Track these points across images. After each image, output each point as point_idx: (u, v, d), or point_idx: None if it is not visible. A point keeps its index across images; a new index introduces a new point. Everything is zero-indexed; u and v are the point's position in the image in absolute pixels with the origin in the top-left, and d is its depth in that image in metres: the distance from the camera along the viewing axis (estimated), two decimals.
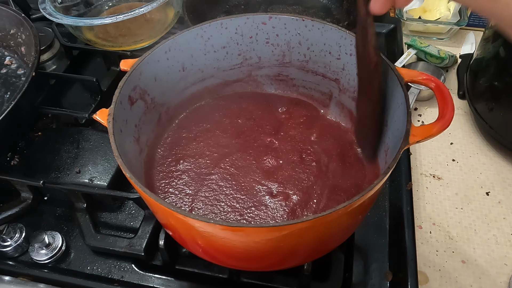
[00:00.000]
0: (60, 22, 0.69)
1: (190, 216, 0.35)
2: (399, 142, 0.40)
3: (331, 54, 0.53)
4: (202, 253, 0.45)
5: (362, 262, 0.52)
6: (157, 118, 0.54)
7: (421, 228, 0.58)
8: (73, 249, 0.55)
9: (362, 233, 0.55)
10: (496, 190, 0.61)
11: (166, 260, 0.53)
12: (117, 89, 0.45)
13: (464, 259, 0.55)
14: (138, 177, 0.40)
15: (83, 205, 0.57)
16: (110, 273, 0.53)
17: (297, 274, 0.50)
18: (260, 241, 0.38)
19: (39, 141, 0.65)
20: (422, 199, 0.61)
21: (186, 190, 0.51)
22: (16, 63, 0.73)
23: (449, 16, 0.81)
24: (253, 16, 0.54)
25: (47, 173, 0.59)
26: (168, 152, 0.55)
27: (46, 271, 0.54)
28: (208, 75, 0.58)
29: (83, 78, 0.74)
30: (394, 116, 0.45)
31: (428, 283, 0.53)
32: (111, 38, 0.75)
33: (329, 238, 0.43)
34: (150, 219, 0.55)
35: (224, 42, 0.55)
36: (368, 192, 0.36)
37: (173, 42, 0.51)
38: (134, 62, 0.48)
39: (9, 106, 0.56)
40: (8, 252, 0.54)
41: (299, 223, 0.34)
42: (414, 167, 0.64)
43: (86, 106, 0.68)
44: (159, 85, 0.52)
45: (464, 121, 0.71)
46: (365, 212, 0.48)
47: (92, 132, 0.64)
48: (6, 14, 0.70)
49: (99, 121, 0.44)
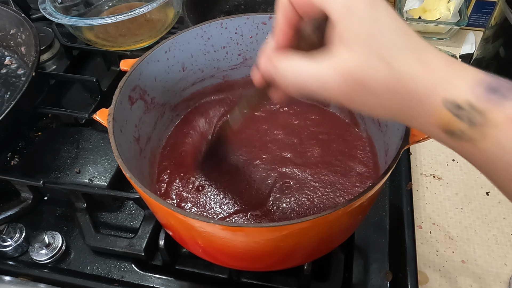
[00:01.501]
0: (60, 22, 0.69)
1: (190, 216, 0.35)
2: (399, 142, 0.40)
3: None
4: (202, 253, 0.45)
5: (362, 262, 0.52)
6: (157, 118, 0.54)
7: (421, 228, 0.58)
8: (73, 249, 0.55)
9: (362, 233, 0.55)
10: (496, 190, 0.60)
11: (166, 260, 0.53)
12: (117, 89, 0.45)
13: (464, 259, 0.55)
14: (138, 177, 0.40)
15: (83, 205, 0.57)
16: (110, 273, 0.53)
17: (297, 274, 0.50)
18: (260, 241, 0.38)
19: (39, 141, 0.65)
20: (422, 199, 0.61)
21: (187, 190, 0.51)
22: (16, 63, 0.73)
23: (449, 16, 0.81)
24: (253, 16, 0.54)
25: (47, 173, 0.59)
26: (168, 152, 0.55)
27: (46, 271, 0.54)
28: (208, 75, 0.58)
29: (83, 78, 0.74)
30: None
31: (428, 283, 0.53)
32: (111, 38, 0.75)
33: (329, 238, 0.43)
34: (150, 219, 0.55)
35: (224, 42, 0.55)
36: (368, 192, 0.36)
37: (173, 42, 0.51)
38: (134, 62, 0.48)
39: (9, 106, 0.56)
40: (8, 252, 0.54)
41: (299, 223, 0.34)
42: (414, 167, 0.64)
43: (86, 106, 0.68)
44: (159, 85, 0.52)
45: None
46: (365, 212, 0.48)
47: (92, 132, 0.64)
48: (6, 14, 0.70)
49: (99, 121, 0.44)
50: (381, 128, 0.50)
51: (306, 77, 0.28)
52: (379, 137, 0.51)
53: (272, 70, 0.30)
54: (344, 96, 0.27)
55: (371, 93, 0.26)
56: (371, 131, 0.53)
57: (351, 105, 0.28)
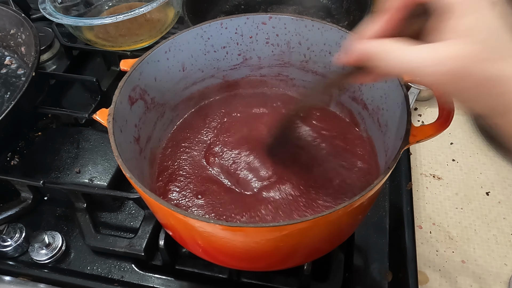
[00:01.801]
0: (60, 22, 0.69)
1: (190, 216, 0.35)
2: (399, 142, 0.40)
3: (331, 54, 0.53)
4: (202, 253, 0.45)
5: (362, 262, 0.52)
6: (157, 118, 0.54)
7: (421, 228, 0.58)
8: (73, 249, 0.55)
9: (362, 233, 0.55)
10: (496, 190, 0.61)
11: (166, 260, 0.53)
12: (117, 89, 0.45)
13: (464, 259, 0.55)
14: (138, 177, 0.40)
15: (83, 205, 0.57)
16: (110, 273, 0.53)
17: (297, 274, 0.50)
18: (260, 241, 0.38)
19: (39, 141, 0.65)
20: (422, 199, 0.61)
21: (187, 190, 0.51)
22: (16, 63, 0.73)
23: None
24: (253, 16, 0.54)
25: (47, 173, 0.59)
26: (168, 152, 0.55)
27: (46, 271, 0.54)
28: (208, 75, 0.58)
29: (83, 78, 0.74)
30: (394, 116, 0.45)
31: (428, 283, 0.53)
32: (111, 38, 0.75)
33: (329, 238, 0.43)
34: (150, 219, 0.55)
35: (224, 42, 0.55)
36: (368, 192, 0.36)
37: (173, 42, 0.51)
38: (134, 62, 0.48)
39: (9, 106, 0.56)
40: (8, 252, 0.54)
41: (299, 223, 0.34)
42: (414, 167, 0.64)
43: (86, 106, 0.68)
44: (159, 85, 0.52)
45: (464, 121, 0.71)
46: (365, 212, 0.48)
47: (92, 132, 0.64)
48: (6, 14, 0.70)
49: (99, 121, 0.44)
50: (381, 128, 0.50)
51: (416, 60, 0.29)
52: (379, 137, 0.51)
53: (375, 50, 0.31)
54: (447, 84, 0.28)
55: (477, 85, 0.27)
56: (371, 131, 0.53)
57: (450, 92, 0.29)
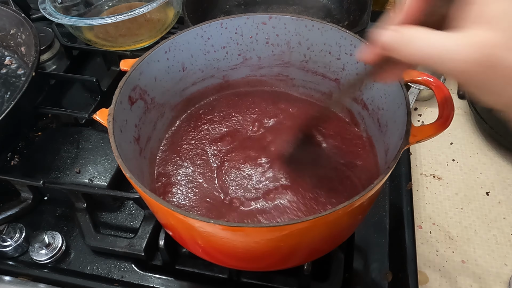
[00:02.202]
0: (60, 22, 0.69)
1: (190, 216, 0.35)
2: (399, 142, 0.40)
3: (331, 54, 0.53)
4: (202, 253, 0.45)
5: (362, 262, 0.52)
6: (157, 118, 0.54)
7: (421, 228, 0.58)
8: (73, 249, 0.55)
9: (362, 233, 0.55)
10: (496, 190, 0.61)
11: (166, 260, 0.53)
12: (117, 89, 0.45)
13: (464, 259, 0.55)
14: (138, 177, 0.40)
15: (83, 205, 0.57)
16: (110, 273, 0.53)
17: (297, 274, 0.50)
18: (260, 241, 0.38)
19: (39, 141, 0.65)
20: (422, 199, 0.61)
21: (187, 190, 0.51)
22: (16, 63, 0.73)
23: None
24: (253, 16, 0.53)
25: (47, 173, 0.59)
26: (168, 152, 0.55)
27: (46, 271, 0.54)
28: (208, 75, 0.58)
29: (83, 78, 0.74)
30: (394, 116, 0.45)
31: (428, 283, 0.53)
32: (111, 38, 0.75)
33: (329, 238, 0.43)
34: (150, 219, 0.55)
35: (224, 42, 0.55)
36: (368, 192, 0.36)
37: (173, 42, 0.51)
38: (134, 62, 0.48)
39: (9, 106, 0.56)
40: (8, 252, 0.54)
41: (299, 223, 0.34)
42: (414, 167, 0.64)
43: (86, 106, 0.68)
44: (159, 85, 0.52)
45: (464, 121, 0.71)
46: (365, 212, 0.48)
47: (92, 132, 0.64)
48: (6, 14, 0.70)
49: (99, 121, 0.44)
50: (381, 128, 0.50)
51: (440, 47, 0.28)
52: (379, 137, 0.51)
53: (399, 39, 0.30)
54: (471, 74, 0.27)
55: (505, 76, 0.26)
56: (371, 131, 0.53)
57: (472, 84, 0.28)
